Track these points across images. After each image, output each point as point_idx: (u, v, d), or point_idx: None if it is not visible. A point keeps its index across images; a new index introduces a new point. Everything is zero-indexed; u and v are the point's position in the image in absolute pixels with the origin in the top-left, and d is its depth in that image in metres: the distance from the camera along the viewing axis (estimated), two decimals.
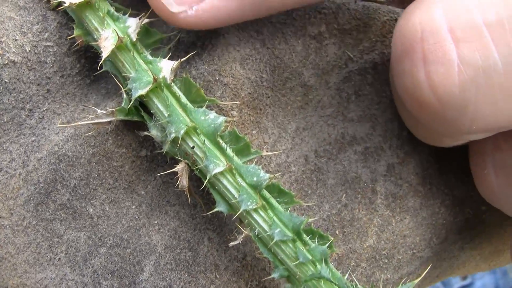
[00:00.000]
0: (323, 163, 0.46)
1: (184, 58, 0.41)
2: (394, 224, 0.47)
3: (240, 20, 0.41)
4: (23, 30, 0.42)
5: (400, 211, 0.47)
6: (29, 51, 0.42)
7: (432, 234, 0.48)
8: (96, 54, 0.41)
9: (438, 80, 0.35)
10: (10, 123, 0.41)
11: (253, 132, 0.45)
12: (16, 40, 0.41)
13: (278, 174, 0.45)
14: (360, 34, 0.46)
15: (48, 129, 0.42)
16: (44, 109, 0.42)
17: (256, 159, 0.44)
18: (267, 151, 0.45)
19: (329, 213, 0.46)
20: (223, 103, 0.43)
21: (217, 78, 0.43)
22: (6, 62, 0.41)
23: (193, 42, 0.44)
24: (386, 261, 0.47)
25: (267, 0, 0.38)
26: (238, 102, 0.44)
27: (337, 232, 0.46)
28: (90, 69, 0.44)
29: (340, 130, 0.46)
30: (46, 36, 0.42)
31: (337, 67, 0.46)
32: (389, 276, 0.48)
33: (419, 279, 0.42)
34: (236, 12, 0.39)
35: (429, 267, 0.50)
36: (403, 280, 0.48)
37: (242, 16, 0.39)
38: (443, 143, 0.44)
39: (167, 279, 0.42)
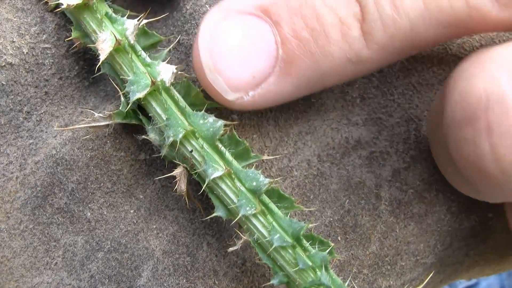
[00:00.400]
0: (326, 167, 0.45)
1: (181, 65, 0.40)
2: (397, 231, 0.46)
3: (295, 98, 0.40)
4: (20, 32, 0.41)
5: (404, 218, 0.46)
6: (27, 53, 0.41)
7: (437, 241, 0.47)
8: (95, 56, 0.40)
9: (503, 153, 0.33)
10: (8, 125, 0.41)
11: (254, 136, 0.44)
12: (13, 42, 0.41)
13: (279, 178, 0.44)
14: None
15: (46, 132, 0.42)
16: (42, 111, 0.42)
17: (257, 164, 0.44)
18: (268, 155, 0.44)
19: (331, 219, 0.45)
20: (223, 106, 0.42)
21: None
22: (3, 64, 0.40)
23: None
24: (389, 267, 0.47)
25: (323, 79, 0.38)
26: None
27: (339, 238, 0.45)
28: (89, 71, 0.43)
29: (344, 134, 0.45)
30: (44, 38, 0.42)
31: None
32: (391, 282, 0.47)
33: (421, 286, 0.41)
34: (292, 93, 0.39)
35: (431, 274, 0.49)
36: (405, 287, 0.47)
37: (298, 95, 0.39)
38: (486, 200, 0.43)
39: (165, 284, 0.42)
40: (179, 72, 0.40)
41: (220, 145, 0.39)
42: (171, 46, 0.43)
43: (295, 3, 0.36)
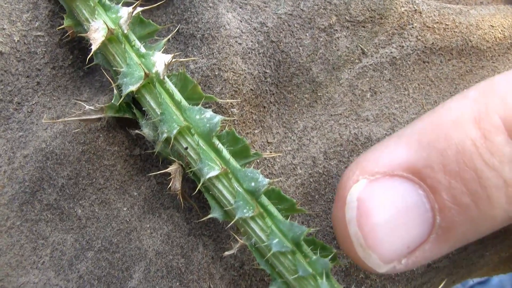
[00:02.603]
0: (333, 166, 0.42)
1: (179, 55, 0.38)
2: None
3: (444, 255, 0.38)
4: (11, 18, 0.39)
5: None
6: (18, 41, 0.39)
7: None
8: (89, 46, 0.38)
9: None
10: None
11: (256, 131, 0.41)
12: (4, 29, 0.39)
13: (281, 178, 0.42)
14: (375, 26, 0.42)
15: (37, 124, 0.40)
16: (34, 102, 0.40)
17: (258, 161, 0.41)
18: (270, 152, 0.42)
19: None
20: (222, 100, 0.40)
21: (217, 73, 0.40)
22: None
23: (192, 34, 0.41)
24: (399, 272, 0.44)
25: (478, 237, 0.35)
26: (239, 99, 0.40)
27: None
28: (84, 61, 0.41)
29: (353, 130, 0.43)
30: (36, 25, 0.40)
31: (349, 62, 0.42)
32: None
33: None
34: (445, 254, 0.36)
35: (444, 282, 0.46)
36: None
37: (449, 252, 0.37)
38: None
39: (157, 287, 0.40)
40: (169, 58, 0.37)
41: (217, 142, 0.37)
42: (170, 35, 0.40)
43: (453, 165, 0.32)
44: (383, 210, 0.33)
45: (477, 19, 0.44)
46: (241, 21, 0.41)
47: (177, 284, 0.40)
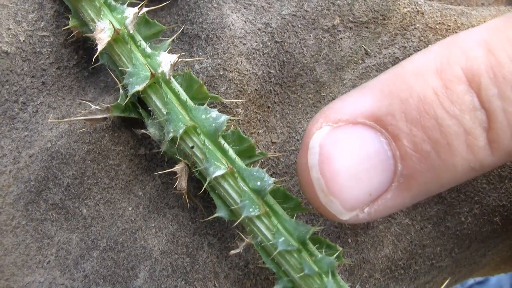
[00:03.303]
0: None
1: (184, 55, 0.38)
2: (413, 233, 0.44)
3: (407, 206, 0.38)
4: (17, 18, 0.39)
5: (421, 220, 0.44)
6: (24, 41, 0.39)
7: (455, 244, 0.45)
8: (95, 46, 0.39)
9: None
10: (2, 116, 0.39)
11: (260, 131, 0.42)
12: (9, 29, 0.39)
13: (285, 177, 0.42)
14: (378, 27, 0.42)
15: (42, 124, 0.40)
16: (39, 102, 0.40)
17: (262, 160, 0.42)
18: (274, 152, 0.42)
19: None
20: (227, 100, 0.40)
21: (222, 73, 0.40)
22: None
23: (197, 34, 0.41)
24: (402, 271, 0.44)
25: (442, 188, 0.35)
26: (244, 99, 0.41)
27: (349, 240, 0.43)
28: (89, 61, 0.42)
29: None
30: (42, 25, 0.40)
31: (352, 63, 0.42)
32: (404, 287, 0.45)
33: None
34: (408, 205, 0.36)
35: (447, 281, 0.46)
36: None
37: (412, 204, 0.37)
38: None
39: (163, 286, 0.40)
40: (175, 58, 0.38)
41: (223, 142, 0.37)
42: (175, 36, 0.41)
43: (414, 113, 0.32)
44: (345, 156, 0.34)
45: (479, 20, 0.44)
46: (245, 22, 0.41)
47: (182, 283, 0.40)
